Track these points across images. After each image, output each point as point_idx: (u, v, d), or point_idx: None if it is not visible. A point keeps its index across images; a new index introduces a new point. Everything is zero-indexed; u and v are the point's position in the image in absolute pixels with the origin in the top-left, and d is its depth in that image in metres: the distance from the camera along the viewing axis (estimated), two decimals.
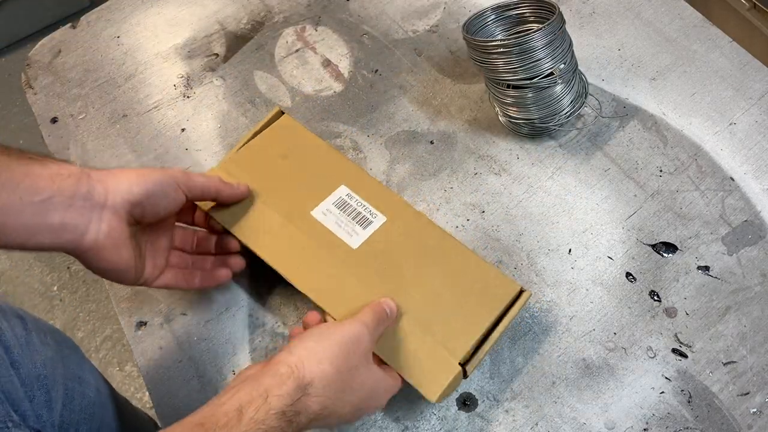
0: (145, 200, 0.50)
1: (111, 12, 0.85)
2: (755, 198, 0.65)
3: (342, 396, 0.45)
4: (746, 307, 0.60)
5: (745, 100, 0.71)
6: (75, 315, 1.41)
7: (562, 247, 0.64)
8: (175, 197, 0.52)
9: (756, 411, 0.56)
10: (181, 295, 0.64)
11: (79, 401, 0.59)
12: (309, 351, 0.45)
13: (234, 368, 0.61)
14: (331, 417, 0.45)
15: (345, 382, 0.45)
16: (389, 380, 0.51)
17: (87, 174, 0.47)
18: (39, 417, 0.51)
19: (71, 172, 0.46)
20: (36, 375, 0.53)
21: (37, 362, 0.54)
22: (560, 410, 0.57)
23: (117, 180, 0.48)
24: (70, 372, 0.59)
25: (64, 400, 0.56)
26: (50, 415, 0.53)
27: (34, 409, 0.51)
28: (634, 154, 0.69)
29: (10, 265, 1.49)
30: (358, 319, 0.49)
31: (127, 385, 1.31)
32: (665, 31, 0.76)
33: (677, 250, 0.63)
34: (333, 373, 0.44)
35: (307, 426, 0.44)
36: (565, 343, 0.60)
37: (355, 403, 0.47)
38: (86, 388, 0.61)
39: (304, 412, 0.43)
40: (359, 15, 0.82)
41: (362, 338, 0.47)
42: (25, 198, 0.43)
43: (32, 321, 0.58)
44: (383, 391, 0.50)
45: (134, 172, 0.50)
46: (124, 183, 0.48)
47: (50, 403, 0.53)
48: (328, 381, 0.44)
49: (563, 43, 0.64)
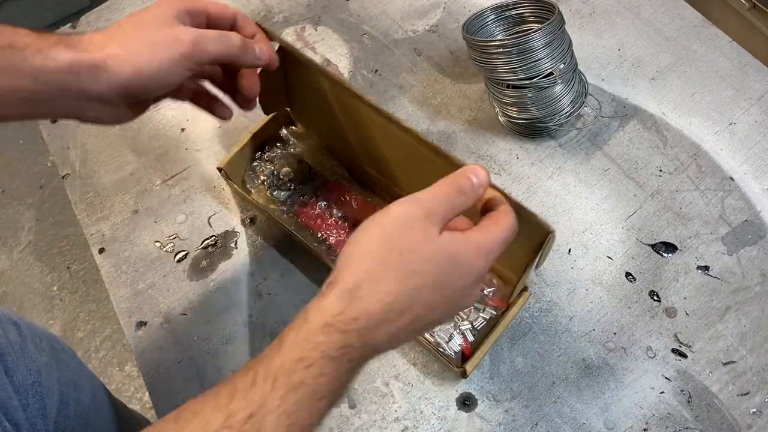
0: (142, 93, 0.44)
1: (111, 12, 0.85)
2: (755, 198, 0.65)
3: (408, 285, 0.36)
4: (746, 306, 0.60)
5: (745, 100, 0.71)
6: (75, 315, 1.41)
7: (561, 247, 0.64)
8: (180, 76, 0.45)
9: (756, 411, 0.56)
10: (181, 295, 0.65)
11: (74, 407, 0.58)
12: (347, 256, 0.38)
13: (234, 368, 0.61)
14: (410, 314, 0.36)
15: (405, 271, 0.36)
16: (483, 235, 0.39)
17: (76, 67, 0.41)
18: (33, 426, 0.50)
19: (57, 67, 0.41)
20: (31, 382, 0.52)
21: (32, 369, 0.53)
22: (560, 410, 0.57)
23: (110, 71, 0.42)
24: (66, 377, 0.59)
25: (59, 407, 0.56)
26: (45, 423, 0.52)
27: (28, 418, 0.50)
28: (633, 153, 0.69)
29: (10, 265, 1.49)
30: (409, 198, 0.39)
31: (127, 385, 1.31)
32: (665, 30, 0.76)
33: (677, 250, 0.63)
34: (380, 267, 0.36)
35: (387, 334, 0.36)
36: (565, 343, 0.60)
37: (436, 286, 0.37)
38: (81, 393, 0.61)
39: (363, 318, 0.35)
40: (359, 15, 0.82)
41: (411, 216, 0.37)
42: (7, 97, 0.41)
43: (27, 327, 0.57)
44: (474, 255, 0.38)
45: (128, 54, 0.42)
46: (117, 76, 0.42)
47: (45, 411, 0.53)
48: (376, 275, 0.36)
49: (563, 43, 0.64)
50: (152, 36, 0.43)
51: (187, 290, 0.65)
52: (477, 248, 0.38)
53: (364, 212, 0.63)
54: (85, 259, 1.47)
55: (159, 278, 0.66)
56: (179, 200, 0.70)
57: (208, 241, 0.68)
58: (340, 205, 0.63)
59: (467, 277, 0.38)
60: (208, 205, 0.69)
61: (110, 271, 0.67)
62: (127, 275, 0.66)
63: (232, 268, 0.66)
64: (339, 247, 0.61)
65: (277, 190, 0.63)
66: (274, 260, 0.66)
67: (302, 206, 0.63)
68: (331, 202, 0.63)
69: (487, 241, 0.39)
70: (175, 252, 0.67)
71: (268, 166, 0.65)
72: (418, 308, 0.37)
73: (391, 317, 0.36)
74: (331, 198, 0.63)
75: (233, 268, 0.66)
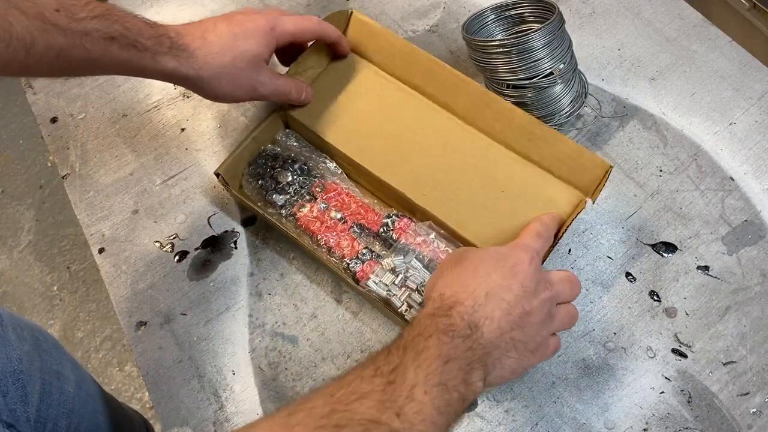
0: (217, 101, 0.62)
1: None
2: (755, 198, 0.65)
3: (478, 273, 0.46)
4: (746, 306, 0.60)
5: (745, 99, 0.71)
6: (75, 315, 1.41)
7: (561, 246, 0.64)
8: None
9: (756, 411, 0.56)
10: (181, 295, 0.65)
11: (57, 396, 0.59)
12: (429, 283, 0.50)
13: (234, 368, 0.61)
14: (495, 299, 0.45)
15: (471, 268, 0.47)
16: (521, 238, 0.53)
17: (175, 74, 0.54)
18: (12, 411, 0.51)
19: (162, 70, 0.53)
20: (11, 370, 0.53)
21: (12, 357, 0.54)
22: (560, 410, 0.57)
23: (199, 89, 0.57)
24: (48, 367, 0.59)
25: (41, 395, 0.56)
26: (25, 410, 0.53)
27: (7, 403, 0.51)
28: (633, 153, 0.69)
29: (10, 264, 1.49)
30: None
31: (126, 385, 1.31)
32: (665, 30, 0.76)
33: (677, 250, 0.63)
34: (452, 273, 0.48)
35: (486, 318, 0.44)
36: (565, 343, 0.60)
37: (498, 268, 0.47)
38: (65, 383, 0.61)
39: (456, 305, 0.44)
40: None
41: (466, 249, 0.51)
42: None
43: (9, 316, 0.58)
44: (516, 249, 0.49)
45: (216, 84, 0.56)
46: (202, 93, 0.58)
47: (25, 398, 0.53)
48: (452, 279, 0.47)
49: (563, 43, 0.64)
50: (239, 78, 0.56)
51: (187, 290, 0.65)
52: (516, 245, 0.50)
53: (364, 214, 0.63)
54: (84, 259, 1.47)
55: (159, 278, 0.66)
56: (179, 200, 0.70)
57: (208, 241, 0.68)
58: (339, 207, 0.63)
59: (522, 261, 0.47)
60: (207, 206, 0.69)
61: (110, 271, 0.67)
62: (127, 275, 0.66)
63: (232, 268, 0.66)
64: (338, 249, 0.61)
65: (275, 194, 0.64)
66: (274, 260, 0.66)
67: (300, 209, 0.63)
68: (330, 204, 0.63)
69: (522, 240, 0.52)
70: (175, 252, 0.67)
71: (266, 168, 0.65)
72: (495, 289, 0.45)
73: (480, 300, 0.44)
74: (330, 200, 0.63)
75: (233, 268, 0.66)
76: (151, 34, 0.52)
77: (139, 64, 0.52)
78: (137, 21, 0.52)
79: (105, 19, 0.49)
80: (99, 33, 0.49)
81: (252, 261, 0.66)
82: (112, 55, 0.50)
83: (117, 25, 0.50)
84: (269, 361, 0.61)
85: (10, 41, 0.45)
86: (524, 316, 0.45)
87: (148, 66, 0.52)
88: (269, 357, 0.61)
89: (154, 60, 0.52)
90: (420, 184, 0.61)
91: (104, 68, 0.52)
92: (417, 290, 0.57)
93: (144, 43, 0.51)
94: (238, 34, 0.55)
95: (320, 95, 0.66)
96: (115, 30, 0.50)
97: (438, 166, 0.61)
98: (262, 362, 0.61)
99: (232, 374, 0.61)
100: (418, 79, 0.65)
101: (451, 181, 0.61)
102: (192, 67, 0.54)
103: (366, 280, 0.58)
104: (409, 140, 0.63)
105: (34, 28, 0.45)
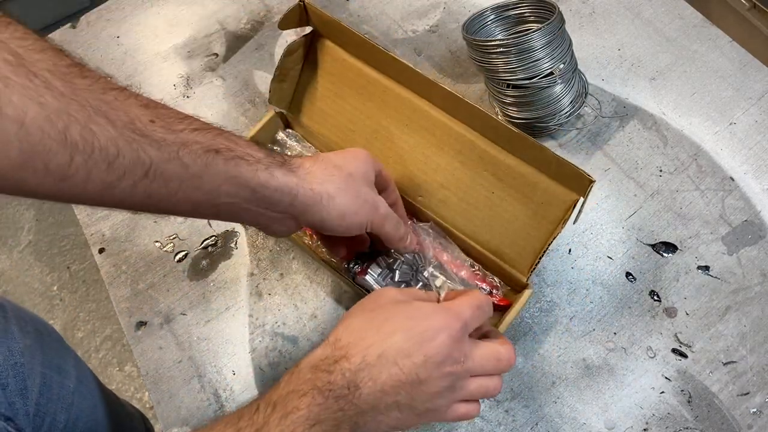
0: (329, 231, 0.49)
1: (111, 12, 0.85)
2: (755, 198, 0.65)
3: (381, 329, 0.41)
4: (746, 306, 0.60)
5: (745, 99, 0.71)
6: (75, 315, 1.41)
7: (561, 246, 0.64)
8: (357, 231, 0.50)
9: (756, 411, 0.56)
10: (180, 295, 0.65)
11: (57, 390, 0.59)
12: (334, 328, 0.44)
13: (234, 368, 0.61)
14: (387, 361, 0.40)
15: (378, 320, 0.42)
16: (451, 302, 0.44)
17: (295, 193, 0.45)
18: (11, 405, 0.51)
19: (278, 186, 0.44)
20: (12, 363, 0.53)
21: (14, 350, 0.54)
22: (560, 410, 0.57)
23: (316, 209, 0.47)
24: (50, 361, 0.59)
25: (41, 389, 0.56)
26: (24, 404, 0.53)
27: (6, 396, 0.51)
28: (634, 153, 0.69)
29: (10, 264, 1.49)
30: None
31: (126, 385, 1.31)
32: (665, 30, 0.76)
33: (677, 250, 0.63)
34: (356, 320, 0.43)
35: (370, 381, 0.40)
36: (565, 343, 0.60)
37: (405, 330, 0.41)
38: (65, 378, 0.61)
39: (343, 360, 0.40)
40: (359, 15, 0.82)
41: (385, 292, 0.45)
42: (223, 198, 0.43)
43: (13, 309, 0.58)
44: (438, 308, 0.43)
45: (342, 200, 0.47)
46: (319, 214, 0.47)
47: (25, 392, 0.53)
48: (354, 326, 0.42)
49: (563, 43, 0.64)
50: (362, 194, 0.49)
51: (187, 290, 0.65)
52: (447, 309, 0.43)
53: None
54: (85, 259, 1.47)
55: (159, 278, 0.66)
56: None
57: (208, 241, 0.68)
58: None
59: (438, 331, 0.41)
60: None
61: (110, 271, 0.67)
62: (127, 275, 0.66)
63: (232, 268, 0.66)
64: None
65: None
66: (274, 260, 0.66)
67: None
68: None
69: (457, 306, 0.43)
70: (175, 252, 0.67)
71: None
72: (392, 351, 0.40)
73: (370, 360, 0.40)
74: None
75: (233, 268, 0.66)
76: (261, 149, 0.45)
77: (252, 177, 0.43)
78: (244, 141, 0.45)
79: (208, 132, 0.42)
80: (199, 145, 0.41)
81: (252, 261, 0.66)
82: (217, 169, 0.41)
83: (221, 138, 0.43)
84: (269, 362, 0.61)
85: (92, 153, 0.36)
86: (416, 384, 0.40)
87: (261, 182, 0.43)
88: (269, 357, 0.61)
89: (270, 173, 0.44)
90: (414, 184, 0.61)
91: (205, 189, 0.42)
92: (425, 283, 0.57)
93: (255, 156, 0.44)
94: (346, 157, 0.50)
95: (313, 94, 0.65)
96: (220, 143, 0.42)
97: (431, 165, 0.61)
98: (262, 362, 0.61)
99: (233, 374, 0.61)
100: (391, 75, 0.63)
101: (441, 180, 0.60)
102: (314, 181, 0.46)
103: (363, 276, 0.58)
104: (400, 138, 0.62)
105: (121, 140, 0.37)
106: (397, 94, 0.61)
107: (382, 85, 0.62)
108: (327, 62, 0.65)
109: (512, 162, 0.57)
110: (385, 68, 0.61)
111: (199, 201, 0.42)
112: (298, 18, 0.62)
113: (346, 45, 0.63)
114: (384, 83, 0.62)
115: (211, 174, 0.41)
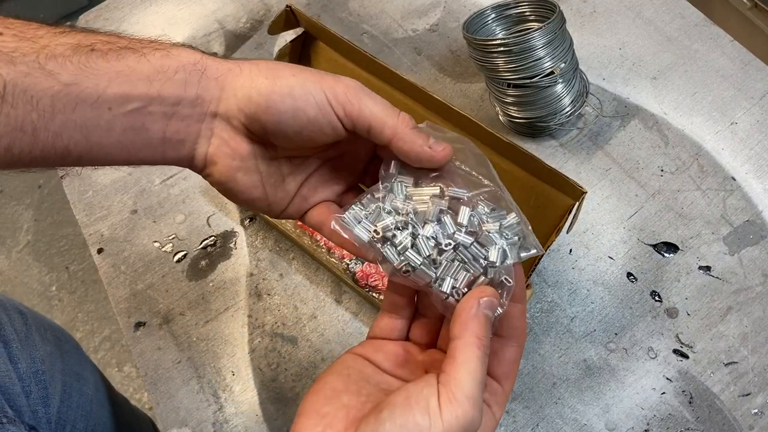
0: (267, 117, 0.34)
1: (110, 11, 0.85)
2: (757, 198, 0.65)
3: None
4: (748, 307, 0.60)
5: (747, 99, 0.71)
6: (74, 315, 1.40)
7: (562, 247, 0.64)
8: (321, 123, 0.35)
9: (757, 412, 0.55)
10: (180, 295, 0.64)
11: (77, 398, 0.59)
12: None
13: (233, 369, 0.61)
14: None
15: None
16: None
17: (201, 68, 0.35)
18: (35, 413, 0.51)
19: (180, 66, 0.34)
20: (34, 371, 0.53)
21: (36, 358, 0.54)
22: (561, 411, 0.56)
23: (237, 80, 0.35)
24: (69, 368, 0.59)
25: (61, 397, 0.56)
26: (46, 411, 0.53)
27: (30, 404, 0.51)
28: (635, 153, 0.68)
29: (8, 265, 1.49)
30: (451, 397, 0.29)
31: (125, 385, 1.31)
32: (666, 30, 0.76)
33: (678, 250, 0.63)
34: None
35: None
36: (566, 344, 0.59)
37: None
38: (84, 385, 0.61)
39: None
40: (359, 14, 0.81)
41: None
42: (115, 108, 0.32)
43: (33, 316, 0.58)
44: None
45: (267, 72, 0.35)
46: (244, 86, 0.35)
47: (47, 399, 0.53)
48: None
49: (564, 42, 0.63)
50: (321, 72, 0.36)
51: (186, 290, 0.65)
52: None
53: None
54: (83, 259, 1.47)
55: (158, 278, 0.65)
56: (178, 200, 0.70)
57: (207, 242, 0.67)
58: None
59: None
60: (207, 205, 0.69)
61: (109, 272, 0.66)
62: (126, 275, 0.66)
63: (232, 269, 0.65)
64: (338, 250, 0.60)
65: None
66: (273, 260, 0.65)
67: None
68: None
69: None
70: (174, 252, 0.67)
71: None
72: None
73: None
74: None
75: (232, 268, 0.65)
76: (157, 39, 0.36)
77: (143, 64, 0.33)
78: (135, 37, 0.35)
79: (79, 33, 0.34)
80: (66, 46, 0.32)
81: (251, 261, 0.66)
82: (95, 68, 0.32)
83: (100, 36, 0.34)
84: (269, 362, 0.61)
85: None
86: None
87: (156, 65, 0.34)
88: (269, 358, 0.61)
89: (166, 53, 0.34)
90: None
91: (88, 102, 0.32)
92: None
93: (143, 41, 0.35)
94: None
95: None
96: (95, 39, 0.33)
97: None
98: (261, 363, 0.61)
99: (232, 375, 0.60)
100: (384, 78, 0.61)
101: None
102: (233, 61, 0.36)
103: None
104: None
105: None
106: (390, 95, 0.61)
107: (374, 86, 0.62)
108: (320, 63, 0.65)
109: (506, 166, 0.57)
110: (376, 71, 0.61)
111: (87, 122, 0.32)
112: (286, 23, 0.62)
113: (336, 48, 0.63)
114: (377, 84, 0.62)
115: (89, 77, 0.32)
